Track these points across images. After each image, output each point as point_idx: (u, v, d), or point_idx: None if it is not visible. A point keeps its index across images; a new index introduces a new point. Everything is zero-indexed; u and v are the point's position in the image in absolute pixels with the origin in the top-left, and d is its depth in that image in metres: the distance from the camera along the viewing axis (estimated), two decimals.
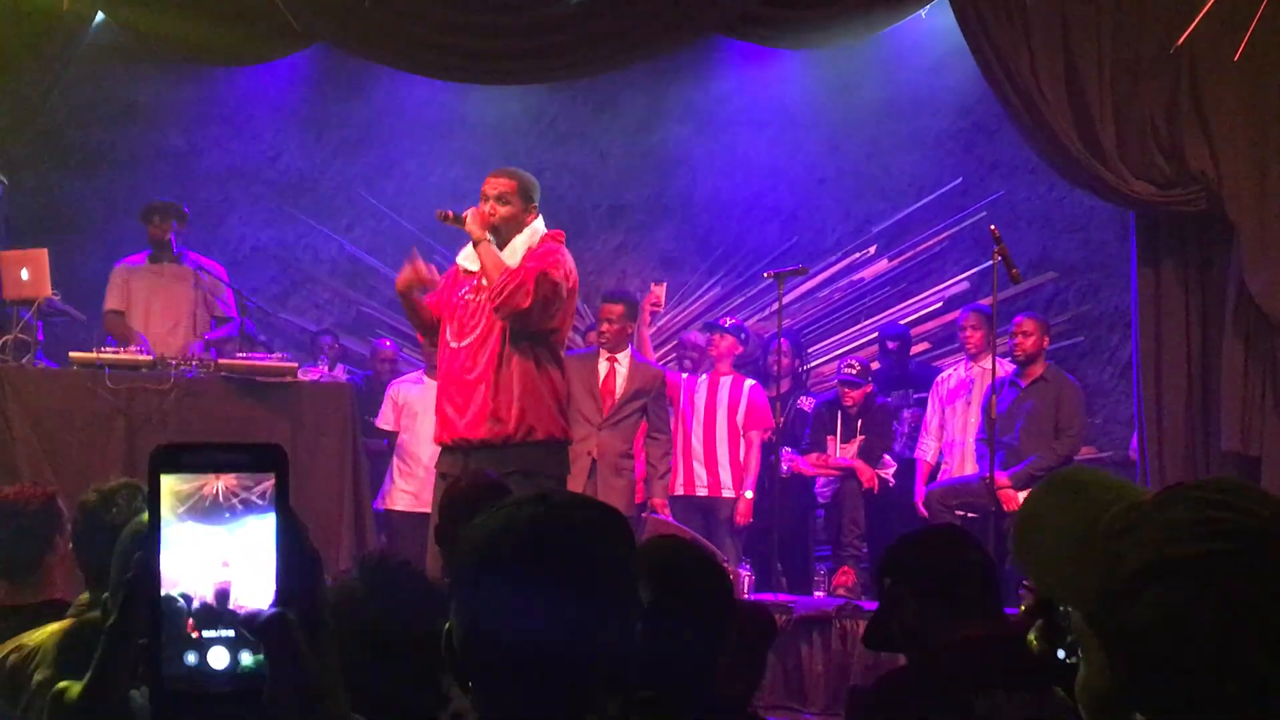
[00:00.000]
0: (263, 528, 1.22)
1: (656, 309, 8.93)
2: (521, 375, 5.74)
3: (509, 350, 5.76)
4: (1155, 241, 7.93)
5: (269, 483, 1.22)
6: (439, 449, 5.97)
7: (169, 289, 8.50)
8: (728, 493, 8.36)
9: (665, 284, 8.98)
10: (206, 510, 1.21)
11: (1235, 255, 7.57)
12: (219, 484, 1.22)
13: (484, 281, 5.81)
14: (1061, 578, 1.33)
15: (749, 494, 8.30)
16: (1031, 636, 2.16)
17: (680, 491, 8.35)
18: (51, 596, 3.89)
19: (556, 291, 5.74)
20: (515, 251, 5.79)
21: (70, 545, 4.02)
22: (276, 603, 1.21)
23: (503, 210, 5.80)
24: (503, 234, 5.81)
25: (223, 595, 1.21)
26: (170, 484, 1.21)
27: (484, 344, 5.79)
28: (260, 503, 1.22)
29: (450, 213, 5.89)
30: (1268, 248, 7.44)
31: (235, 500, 1.21)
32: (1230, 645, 1.14)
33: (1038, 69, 7.60)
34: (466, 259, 5.98)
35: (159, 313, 8.45)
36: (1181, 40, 7.26)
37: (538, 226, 5.89)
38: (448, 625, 1.67)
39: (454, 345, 5.88)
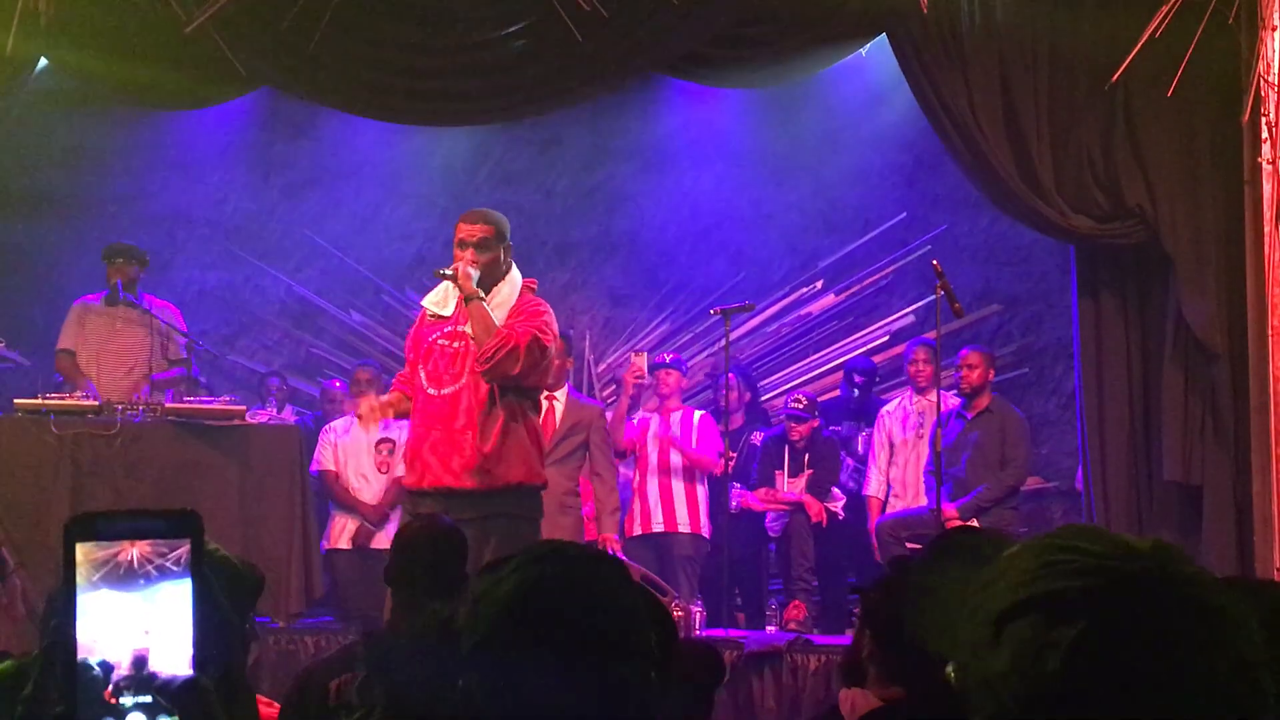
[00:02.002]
0: (180, 593, 1.24)
1: (640, 380, 8.58)
2: (506, 425, 5.81)
3: (494, 400, 5.81)
4: (1095, 274, 8.03)
5: (184, 548, 1.24)
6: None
7: (125, 333, 8.42)
8: (684, 528, 8.39)
9: (645, 353, 8.77)
10: (121, 577, 1.23)
11: (1173, 286, 7.67)
12: (134, 550, 1.23)
13: (464, 329, 5.84)
14: (949, 639, 1.38)
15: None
16: (950, 670, 2.20)
17: (638, 532, 8.38)
18: None
19: (545, 355, 5.84)
20: (502, 305, 5.85)
21: (17, 596, 4.03)
22: (194, 668, 1.22)
23: (484, 258, 5.83)
24: (485, 281, 5.85)
25: (140, 662, 1.22)
26: (85, 551, 1.23)
27: (467, 394, 5.82)
28: (175, 569, 1.24)
29: (446, 270, 5.89)
30: (1203, 279, 7.55)
31: (150, 566, 1.23)
32: (1078, 678, 1.19)
33: (976, 105, 7.69)
34: (436, 304, 6.00)
35: (113, 357, 8.36)
36: (1116, 76, 7.36)
37: (516, 277, 5.95)
38: (463, 682, 1.62)
39: (432, 393, 5.88)
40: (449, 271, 5.84)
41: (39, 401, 7.58)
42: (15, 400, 7.65)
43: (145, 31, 8.02)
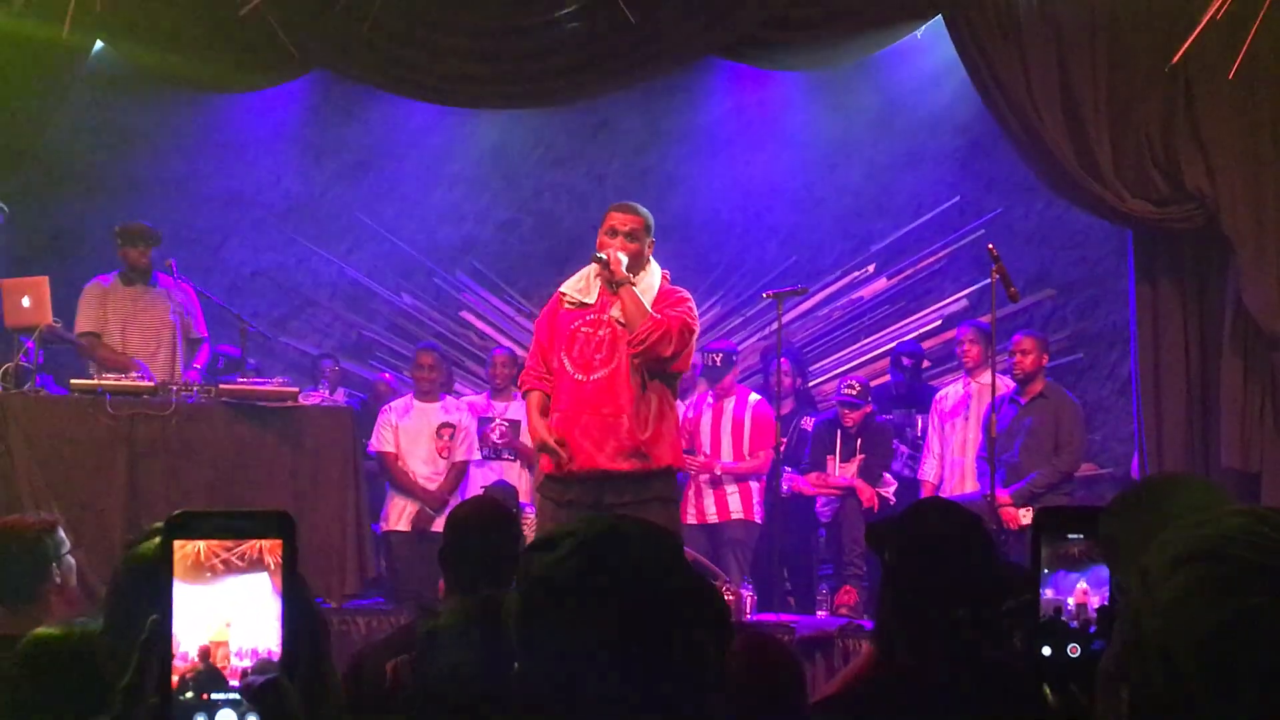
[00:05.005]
0: (248, 589, 1.23)
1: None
2: (659, 409, 5.95)
3: (646, 384, 5.94)
4: (1152, 259, 7.94)
5: (249, 545, 1.23)
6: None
7: (148, 313, 8.41)
8: (737, 514, 8.41)
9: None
10: (189, 570, 1.22)
11: (1232, 272, 7.58)
12: (200, 545, 1.23)
13: (610, 315, 5.92)
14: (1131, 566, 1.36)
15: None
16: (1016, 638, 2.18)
17: (692, 521, 8.37)
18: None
19: (692, 341, 6.04)
20: (646, 293, 5.95)
21: (72, 576, 4.05)
22: (280, 666, 1.22)
23: (632, 246, 5.94)
24: (629, 270, 5.95)
25: (206, 655, 1.22)
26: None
27: (618, 379, 5.91)
28: (240, 564, 1.23)
29: (600, 255, 5.93)
30: (1264, 264, 7.45)
31: (216, 561, 1.23)
32: (1234, 638, 1.16)
33: (1033, 88, 7.61)
34: (578, 291, 6.07)
35: (137, 336, 8.36)
36: (1177, 58, 7.28)
37: (655, 268, 6.07)
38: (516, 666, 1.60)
39: (581, 379, 5.95)
40: (602, 256, 5.91)
41: (95, 382, 7.63)
42: (71, 381, 7.70)
43: (199, 14, 8.07)
